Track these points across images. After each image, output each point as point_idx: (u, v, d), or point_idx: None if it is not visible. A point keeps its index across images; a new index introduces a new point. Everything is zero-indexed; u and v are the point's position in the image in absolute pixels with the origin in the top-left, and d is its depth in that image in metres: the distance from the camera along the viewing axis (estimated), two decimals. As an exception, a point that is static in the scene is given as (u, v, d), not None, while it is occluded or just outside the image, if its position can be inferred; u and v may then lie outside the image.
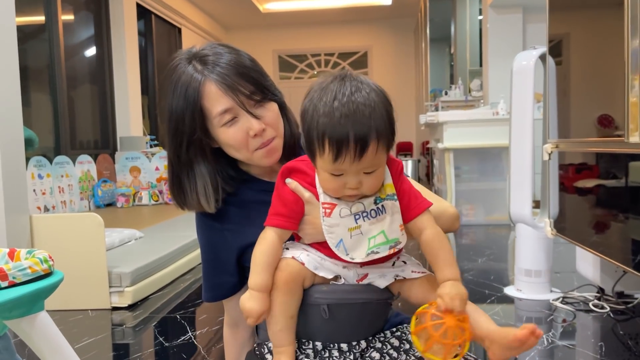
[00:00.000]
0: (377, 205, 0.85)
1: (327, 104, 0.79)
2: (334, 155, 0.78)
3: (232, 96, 0.91)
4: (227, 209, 1.00)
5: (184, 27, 7.84)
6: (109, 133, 5.88)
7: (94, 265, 2.48)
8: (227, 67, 0.92)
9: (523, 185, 2.33)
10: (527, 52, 2.30)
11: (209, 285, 1.06)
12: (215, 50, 0.95)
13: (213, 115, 0.92)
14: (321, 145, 0.79)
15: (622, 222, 1.75)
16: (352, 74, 0.83)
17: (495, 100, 4.83)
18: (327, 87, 0.81)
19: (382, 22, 9.54)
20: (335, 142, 0.78)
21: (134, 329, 2.28)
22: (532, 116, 2.29)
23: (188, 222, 3.93)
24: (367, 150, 0.78)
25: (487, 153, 4.48)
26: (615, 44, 1.55)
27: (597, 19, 1.90)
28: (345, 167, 0.79)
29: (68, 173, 4.56)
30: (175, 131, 0.95)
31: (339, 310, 0.88)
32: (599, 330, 2.08)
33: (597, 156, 1.92)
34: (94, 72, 5.79)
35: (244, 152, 0.94)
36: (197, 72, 0.92)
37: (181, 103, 0.92)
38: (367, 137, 0.78)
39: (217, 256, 1.03)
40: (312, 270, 0.86)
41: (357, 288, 0.88)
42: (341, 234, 0.84)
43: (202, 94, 0.91)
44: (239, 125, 0.92)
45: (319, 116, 0.79)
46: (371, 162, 0.80)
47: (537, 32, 5.15)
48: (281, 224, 0.87)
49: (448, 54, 7.59)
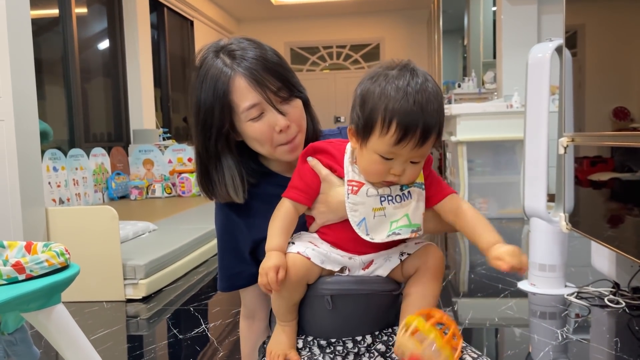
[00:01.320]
0: (402, 192, 0.88)
1: (400, 88, 0.81)
2: (398, 137, 0.81)
3: (260, 91, 0.92)
4: (247, 202, 1.01)
5: (196, 19, 7.85)
6: (122, 126, 5.92)
7: (108, 258, 2.51)
8: (256, 62, 0.93)
9: (538, 179, 2.31)
10: (543, 45, 2.27)
11: (226, 275, 1.07)
12: (243, 44, 0.95)
13: (241, 109, 0.93)
14: (387, 125, 0.81)
15: (637, 216, 1.73)
16: (415, 65, 0.86)
17: (509, 92, 4.78)
18: (395, 74, 0.83)
19: (394, 13, 9.47)
20: (404, 125, 0.80)
21: (148, 320, 2.30)
22: (548, 109, 2.26)
23: (201, 215, 3.96)
24: (428, 140, 0.82)
25: (500, 146, 4.44)
26: (632, 35, 1.53)
27: (613, 9, 1.87)
28: (402, 151, 0.82)
29: (82, 166, 4.60)
30: (204, 124, 0.95)
31: (343, 301, 0.90)
32: (614, 325, 2.06)
33: (612, 149, 1.89)
34: (107, 65, 5.82)
35: (268, 147, 0.95)
36: (227, 66, 0.93)
37: (210, 97, 0.93)
38: (432, 129, 0.82)
39: (235, 246, 1.04)
40: (319, 264, 0.88)
41: (362, 279, 0.90)
42: (365, 212, 0.87)
43: (230, 88, 0.92)
44: (264, 120, 0.93)
45: (389, 98, 0.81)
46: (424, 152, 0.84)
47: (552, 23, 5.08)
48: (296, 197, 0.91)
49: (461, 45, 7.52)
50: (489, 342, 2.03)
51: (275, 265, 0.84)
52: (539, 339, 1.94)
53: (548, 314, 2.20)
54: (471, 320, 2.15)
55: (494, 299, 2.39)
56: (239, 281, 1.06)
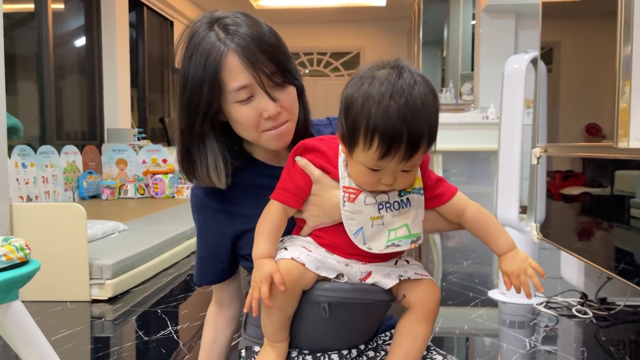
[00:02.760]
0: (400, 198, 0.83)
1: (383, 95, 0.74)
2: (381, 153, 0.74)
3: (252, 72, 0.84)
4: (229, 191, 0.94)
5: (177, 20, 7.78)
6: (96, 124, 5.82)
7: (74, 257, 2.44)
8: (251, 40, 0.85)
9: (510, 190, 2.33)
10: (518, 56, 2.30)
11: (201, 268, 1.01)
12: (239, 19, 0.88)
13: (229, 89, 0.85)
14: (369, 140, 0.74)
15: (607, 229, 1.75)
16: (407, 65, 0.79)
17: (485, 104, 4.85)
18: (381, 76, 0.76)
19: (375, 23, 9.54)
20: (387, 140, 0.73)
21: (113, 322, 2.24)
22: (522, 120, 2.29)
23: (174, 216, 3.90)
24: (417, 152, 0.76)
25: (475, 157, 4.49)
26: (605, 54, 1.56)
27: (588, 28, 1.91)
28: (389, 165, 0.76)
29: (53, 163, 4.50)
30: (189, 101, 0.88)
31: (340, 309, 0.83)
32: (581, 336, 2.08)
33: (584, 164, 1.92)
34: (83, 62, 5.72)
35: (252, 132, 0.89)
36: (220, 41, 0.85)
37: (200, 72, 0.85)
38: (420, 141, 0.75)
39: (210, 238, 0.98)
40: (314, 270, 0.81)
41: (361, 287, 0.84)
42: (362, 222, 0.81)
43: (221, 65, 0.84)
44: (253, 104, 0.86)
45: (371, 107, 0.74)
46: (414, 162, 0.78)
47: (529, 38, 5.16)
48: (285, 200, 0.84)
49: (440, 57, 7.61)
50: (459, 350, 2.03)
51: (268, 275, 0.77)
52: (507, 348, 1.95)
53: (517, 323, 2.22)
54: (441, 328, 2.15)
55: (465, 307, 2.39)
56: (212, 277, 1.01)
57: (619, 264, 1.63)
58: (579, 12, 1.96)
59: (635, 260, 1.54)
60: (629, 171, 1.58)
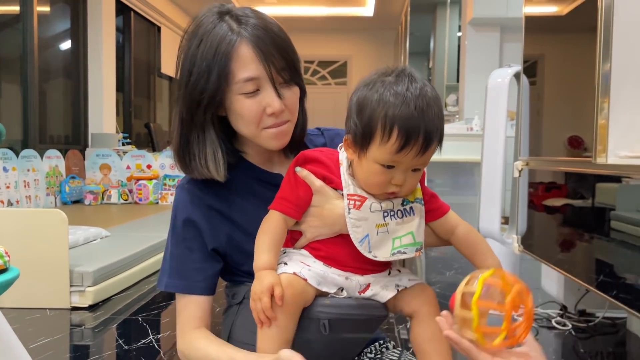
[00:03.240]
0: (404, 207, 0.84)
1: (399, 93, 0.77)
2: (400, 144, 0.76)
3: (264, 65, 0.83)
4: (221, 191, 0.91)
5: (164, 25, 7.76)
6: (80, 129, 5.76)
7: (55, 263, 2.41)
8: (265, 32, 0.84)
9: (493, 201, 2.36)
10: (502, 70, 2.34)
11: (178, 270, 0.90)
12: (250, 12, 0.87)
13: (236, 79, 0.83)
14: (387, 132, 0.76)
15: (587, 241, 1.78)
16: (413, 70, 0.81)
17: (470, 116, 4.90)
18: (392, 79, 0.79)
19: (363, 32, 9.61)
20: (406, 132, 0.76)
21: (93, 330, 2.21)
22: (505, 133, 2.32)
23: (157, 223, 3.87)
24: (431, 147, 0.78)
25: (459, 167, 4.53)
26: (587, 68, 1.59)
27: (570, 42, 1.94)
28: (404, 159, 0.77)
29: (35, 167, 4.45)
30: (194, 89, 0.85)
31: (339, 326, 0.82)
32: (560, 347, 2.10)
33: (566, 176, 1.95)
34: (68, 66, 5.67)
35: (253, 127, 0.86)
36: (232, 32, 0.83)
37: (209, 60, 0.83)
38: (434, 134, 0.78)
39: (195, 237, 0.90)
40: (315, 285, 0.80)
41: (360, 303, 0.83)
42: (368, 229, 0.81)
43: (233, 54, 0.82)
44: (258, 99, 0.85)
45: (389, 102, 0.77)
46: (426, 159, 0.80)
47: (514, 51, 5.24)
48: (287, 211, 0.83)
49: (426, 68, 7.67)
50: None
51: (269, 287, 0.75)
52: (488, 359, 1.96)
53: (498, 334, 2.23)
54: (423, 338, 2.16)
55: (447, 317, 2.41)
56: (190, 282, 0.89)
57: (598, 276, 1.66)
58: (561, 26, 1.99)
59: (614, 272, 1.57)
60: (609, 184, 1.61)
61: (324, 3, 8.23)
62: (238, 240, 0.87)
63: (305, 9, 8.46)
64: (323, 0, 8.11)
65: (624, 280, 1.48)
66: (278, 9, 8.38)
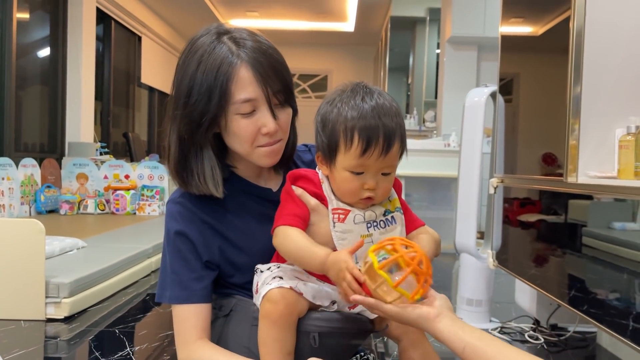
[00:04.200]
0: (386, 217, 0.87)
1: (357, 102, 0.83)
2: (362, 148, 0.81)
3: (262, 87, 0.86)
4: (215, 205, 0.93)
5: (145, 35, 7.73)
6: (57, 137, 5.69)
7: (30, 274, 2.38)
8: (262, 56, 0.87)
9: (469, 216, 2.41)
10: (479, 89, 2.40)
11: (179, 281, 0.90)
12: (249, 35, 0.90)
13: (234, 100, 0.86)
14: (349, 139, 0.81)
15: (559, 257, 1.83)
16: (368, 83, 0.88)
17: (447, 132, 4.98)
18: (350, 93, 0.85)
19: (343, 47, 9.71)
20: (366, 135, 0.80)
21: (68, 342, 2.19)
22: (481, 150, 2.38)
23: (134, 234, 3.83)
24: (393, 146, 0.83)
25: (437, 183, 4.60)
26: (560, 87, 1.64)
27: (544, 62, 2.01)
28: (370, 162, 0.82)
29: (9, 176, 4.37)
30: (194, 107, 0.87)
31: (328, 339, 0.84)
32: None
33: (540, 192, 2.01)
34: (46, 73, 5.61)
35: (247, 146, 0.90)
36: (232, 54, 0.86)
37: (210, 82, 0.85)
38: (394, 133, 0.83)
39: (192, 250, 0.92)
40: (310, 299, 0.82)
41: (349, 317, 0.86)
42: (354, 240, 0.84)
43: (232, 76, 0.85)
44: (254, 119, 0.88)
45: (347, 113, 0.82)
46: (392, 161, 0.84)
47: (491, 69, 5.37)
48: (300, 225, 0.85)
49: (405, 83, 7.79)
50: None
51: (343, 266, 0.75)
52: (463, 372, 1.99)
53: (473, 348, 2.27)
54: (400, 351, 2.18)
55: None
56: (197, 292, 0.90)
57: (570, 291, 1.70)
58: (536, 46, 2.05)
59: (584, 287, 1.62)
60: (581, 200, 1.66)
61: (306, 18, 8.31)
62: (229, 253, 0.89)
63: (287, 23, 8.53)
64: (305, 15, 8.19)
65: (594, 296, 1.52)
66: (260, 22, 8.43)
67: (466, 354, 0.75)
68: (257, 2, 7.56)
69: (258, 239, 0.92)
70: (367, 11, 7.49)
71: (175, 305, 0.92)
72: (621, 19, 1.54)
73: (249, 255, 0.93)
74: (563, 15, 1.63)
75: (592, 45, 1.53)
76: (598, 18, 1.52)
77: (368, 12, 7.52)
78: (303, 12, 8.05)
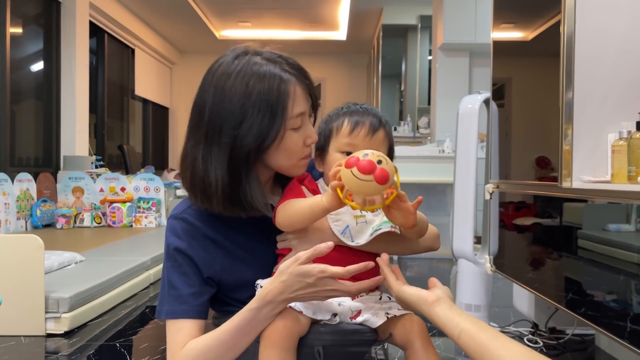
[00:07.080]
0: None
1: (347, 108, 0.97)
2: (351, 127, 0.93)
3: (310, 101, 0.95)
4: (212, 219, 0.93)
5: (138, 48, 7.75)
6: (52, 151, 5.68)
7: (30, 290, 2.37)
8: (300, 72, 0.95)
9: (465, 222, 2.42)
10: (472, 97, 2.43)
11: (177, 296, 0.90)
12: (277, 53, 0.97)
13: (291, 115, 0.89)
14: (340, 124, 0.94)
15: (556, 260, 1.84)
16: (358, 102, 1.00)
17: (441, 138, 5.01)
18: (340, 108, 0.98)
19: (336, 56, 9.76)
20: (355, 118, 0.93)
21: (68, 357, 2.18)
22: (476, 156, 2.40)
23: (131, 246, 3.83)
24: (378, 130, 0.93)
25: (432, 189, 4.62)
26: (552, 90, 1.66)
27: (537, 66, 2.03)
28: (357, 141, 0.92)
29: (5, 191, 4.36)
30: (249, 130, 0.86)
31: (333, 352, 0.85)
32: (532, 364, 2.15)
33: (534, 196, 2.03)
34: (40, 87, 5.61)
35: (295, 159, 0.93)
36: (283, 71, 0.91)
37: (271, 100, 0.87)
38: (380, 120, 0.95)
39: (192, 265, 0.91)
40: (310, 316, 0.83)
41: (352, 329, 0.86)
42: (347, 220, 0.91)
43: (290, 92, 0.89)
44: (301, 132, 0.93)
45: (339, 112, 0.97)
46: (378, 145, 0.93)
47: (483, 75, 5.41)
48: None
49: (398, 90, 7.83)
50: None
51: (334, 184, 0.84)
52: (463, 377, 2.00)
53: (473, 353, 2.28)
54: (400, 357, 2.19)
55: (423, 337, 2.44)
56: (194, 307, 0.90)
57: (567, 294, 1.72)
58: (527, 50, 2.08)
59: (581, 290, 1.63)
60: (575, 203, 1.68)
61: (298, 27, 8.35)
62: (232, 269, 0.90)
63: (279, 33, 8.57)
64: (297, 25, 8.23)
65: (592, 298, 1.54)
66: (253, 32, 8.47)
67: (462, 339, 0.80)
68: (249, 12, 7.59)
69: (260, 254, 0.94)
70: (358, 20, 7.54)
71: (170, 320, 0.91)
72: (612, 24, 1.56)
73: (251, 270, 0.93)
74: (553, 20, 1.66)
75: (583, 51, 1.55)
76: (588, 23, 1.54)
77: (360, 20, 7.57)
78: (295, 22, 8.10)
